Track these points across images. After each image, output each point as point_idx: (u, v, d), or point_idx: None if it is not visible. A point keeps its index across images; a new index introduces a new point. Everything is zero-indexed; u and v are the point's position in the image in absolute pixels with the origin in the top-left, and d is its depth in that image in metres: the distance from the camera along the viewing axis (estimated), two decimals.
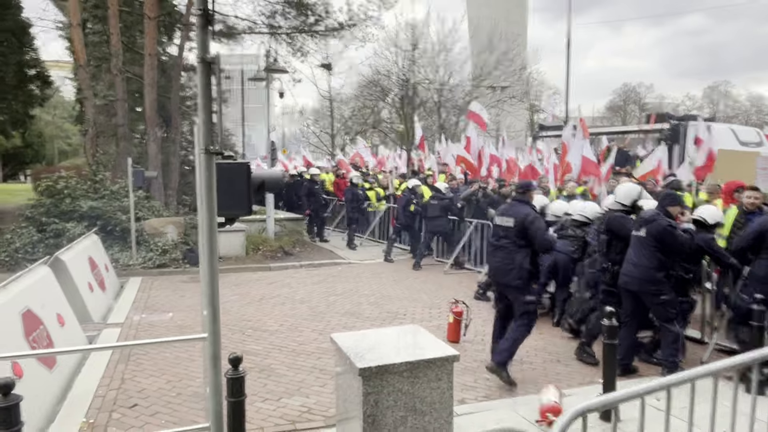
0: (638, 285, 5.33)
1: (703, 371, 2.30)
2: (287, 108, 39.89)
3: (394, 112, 25.25)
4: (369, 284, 9.56)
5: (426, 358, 3.07)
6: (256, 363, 5.68)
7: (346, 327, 7.00)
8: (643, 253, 5.29)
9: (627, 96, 56.55)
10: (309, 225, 14.16)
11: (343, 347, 3.21)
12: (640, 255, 5.31)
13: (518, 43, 32.21)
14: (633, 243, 5.44)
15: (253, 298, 8.54)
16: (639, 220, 5.49)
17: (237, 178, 3.35)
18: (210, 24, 2.65)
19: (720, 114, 48.13)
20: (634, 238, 5.43)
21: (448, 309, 6.64)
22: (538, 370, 5.71)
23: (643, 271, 5.27)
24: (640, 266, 5.29)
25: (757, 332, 4.61)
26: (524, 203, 5.50)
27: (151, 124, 12.92)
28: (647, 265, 5.24)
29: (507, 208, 5.70)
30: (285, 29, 14.36)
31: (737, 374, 2.48)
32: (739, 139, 15.32)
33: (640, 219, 5.49)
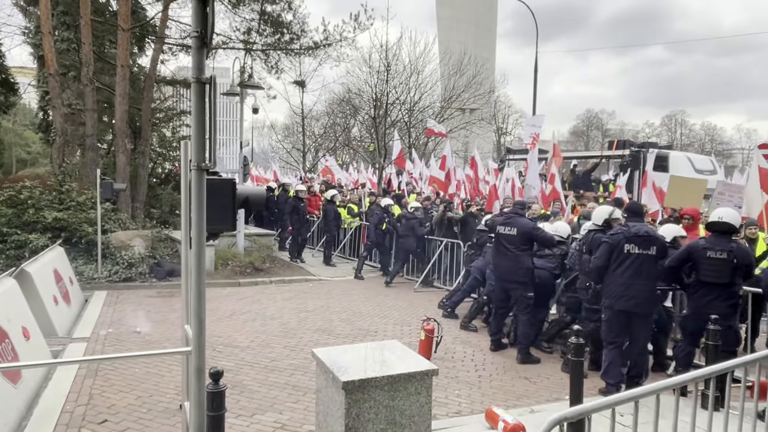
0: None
1: (666, 384, 2.47)
2: (257, 122, 39.69)
3: (364, 130, 25.52)
4: (340, 301, 9.60)
5: (406, 372, 3.17)
6: (228, 379, 5.59)
7: (318, 344, 7.03)
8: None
9: (590, 122, 58.67)
10: (292, 244, 13.52)
11: (326, 361, 3.28)
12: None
13: (487, 67, 33.20)
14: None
15: (223, 314, 8.47)
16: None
17: (222, 194, 3.41)
18: (206, 46, 2.73)
19: (677, 142, 50.37)
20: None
21: (420, 326, 6.76)
22: (507, 387, 5.87)
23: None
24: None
25: (713, 350, 4.87)
26: (521, 216, 6.81)
27: (121, 136, 12.73)
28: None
29: (507, 220, 6.94)
30: (260, 46, 14.44)
31: (696, 388, 2.67)
32: (695, 167, 16.12)
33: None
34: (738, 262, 5.18)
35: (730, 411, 3.56)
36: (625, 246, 5.46)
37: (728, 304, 5.24)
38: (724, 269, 5.21)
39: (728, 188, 8.86)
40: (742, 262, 5.21)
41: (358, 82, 22.47)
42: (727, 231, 5.37)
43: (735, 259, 5.18)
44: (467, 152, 31.56)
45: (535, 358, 6.69)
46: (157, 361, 6.01)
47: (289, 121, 35.78)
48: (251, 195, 3.89)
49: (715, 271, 5.25)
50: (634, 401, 2.32)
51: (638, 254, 5.43)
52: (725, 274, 5.21)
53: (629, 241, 5.46)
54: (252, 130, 45.55)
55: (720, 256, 5.24)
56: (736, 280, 5.24)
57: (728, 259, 5.20)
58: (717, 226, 5.42)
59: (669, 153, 17.44)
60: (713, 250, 5.29)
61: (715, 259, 5.25)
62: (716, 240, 5.36)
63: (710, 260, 5.27)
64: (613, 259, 5.51)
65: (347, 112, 26.56)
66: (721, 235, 5.36)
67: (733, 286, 5.26)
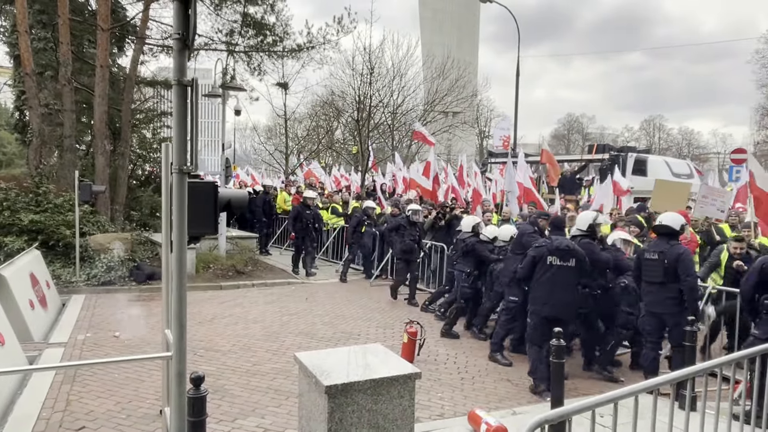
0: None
1: (643, 386, 2.52)
2: (239, 124, 39.39)
3: (347, 132, 25.51)
4: (323, 304, 9.57)
5: (389, 376, 3.17)
6: (209, 384, 5.54)
7: (301, 347, 6.99)
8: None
9: (571, 126, 59.42)
10: (295, 254, 12.23)
11: (308, 366, 3.27)
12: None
13: (469, 71, 33.40)
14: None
15: (204, 317, 8.38)
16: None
17: (204, 198, 3.38)
18: (188, 48, 2.71)
19: (655, 146, 51.24)
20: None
21: (403, 329, 6.77)
22: (489, 389, 5.90)
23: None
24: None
25: (690, 352, 4.97)
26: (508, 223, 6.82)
27: (100, 137, 12.53)
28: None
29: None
30: (243, 48, 14.36)
31: (673, 389, 2.72)
32: (673, 171, 16.40)
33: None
34: (668, 262, 5.56)
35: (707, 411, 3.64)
36: (548, 258, 5.87)
37: (671, 303, 5.59)
38: (658, 269, 5.63)
39: (711, 192, 9.02)
40: (671, 263, 5.55)
41: (342, 84, 22.46)
42: (667, 233, 5.76)
43: (666, 260, 5.57)
44: (450, 155, 31.74)
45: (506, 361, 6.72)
46: (137, 365, 5.93)
47: (271, 123, 35.59)
48: (233, 198, 3.86)
49: (651, 271, 5.72)
50: (613, 403, 2.35)
51: (560, 266, 5.82)
52: (659, 273, 5.62)
53: (551, 254, 5.87)
54: (234, 132, 45.16)
55: (653, 257, 5.71)
56: (670, 280, 5.56)
57: (660, 259, 5.63)
58: (658, 229, 5.90)
59: (647, 157, 17.75)
60: (650, 251, 5.78)
61: (651, 260, 5.73)
62: (656, 242, 5.86)
63: (648, 261, 5.77)
64: (538, 270, 5.93)
65: (330, 115, 26.52)
66: (662, 237, 5.78)
67: (668, 285, 5.59)
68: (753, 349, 3.14)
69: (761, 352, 3.09)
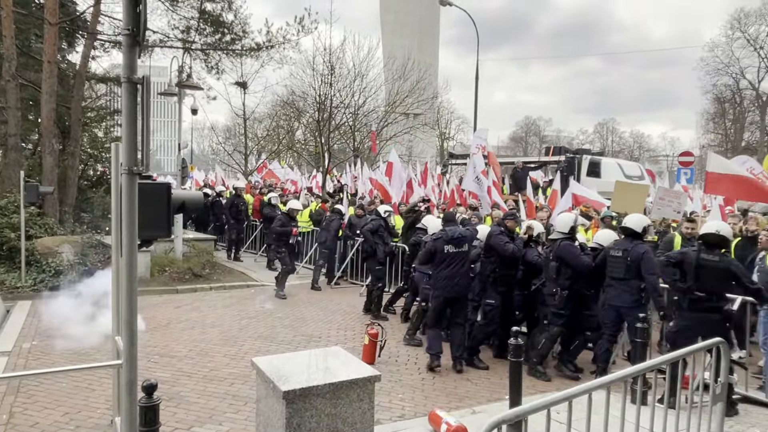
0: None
1: (597, 383, 2.58)
2: (197, 123, 38.49)
3: (308, 133, 25.27)
4: (283, 306, 9.44)
5: (349, 379, 3.14)
6: (164, 391, 5.41)
7: (260, 351, 6.88)
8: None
9: (528, 128, 60.78)
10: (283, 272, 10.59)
11: (266, 371, 3.20)
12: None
13: (430, 73, 33.64)
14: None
15: (159, 322, 8.13)
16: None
17: (157, 199, 3.27)
18: (138, 44, 2.62)
19: (608, 148, 52.95)
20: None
21: (364, 330, 6.75)
22: (449, 389, 5.95)
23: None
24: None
25: (641, 348, 5.14)
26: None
27: (48, 136, 12.00)
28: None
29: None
30: (200, 45, 14.01)
31: (625, 385, 2.80)
32: (625, 173, 16.99)
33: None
34: (630, 260, 5.86)
35: (657, 405, 3.76)
36: (445, 247, 6.52)
37: (629, 298, 5.88)
38: (621, 266, 5.95)
39: (668, 194, 9.36)
40: (634, 261, 5.84)
41: (302, 84, 22.22)
42: (630, 234, 6.10)
43: (629, 257, 5.89)
44: (411, 156, 31.90)
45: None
46: (87, 373, 5.70)
47: (230, 123, 34.91)
48: (188, 199, 3.75)
49: (614, 267, 6.03)
50: (567, 401, 2.40)
51: (456, 252, 6.53)
52: (621, 270, 5.94)
53: (448, 243, 6.53)
54: (191, 132, 44.11)
55: (617, 254, 6.03)
56: (631, 276, 5.86)
57: (623, 257, 5.96)
58: (623, 230, 6.29)
59: (601, 159, 18.34)
60: (615, 249, 6.12)
61: (615, 257, 6.05)
62: (621, 241, 6.21)
63: (612, 258, 6.08)
64: (438, 260, 6.55)
65: (291, 115, 26.21)
66: (627, 237, 6.13)
67: (630, 281, 5.87)
68: (687, 349, 3.27)
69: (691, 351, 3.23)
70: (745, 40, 41.02)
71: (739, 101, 43.42)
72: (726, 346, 3.28)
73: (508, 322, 6.57)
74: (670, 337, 5.45)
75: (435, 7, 36.53)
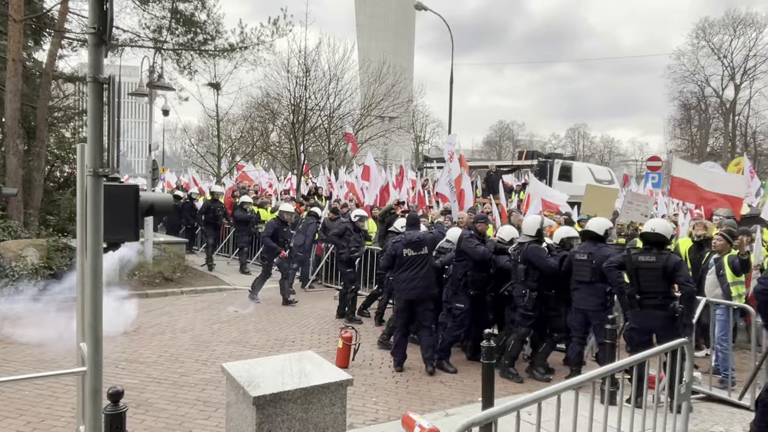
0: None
1: (566, 385, 2.62)
2: (169, 124, 37.86)
3: (283, 135, 25.09)
4: (256, 311, 9.33)
5: (320, 384, 3.12)
6: (132, 398, 5.30)
7: (232, 356, 6.78)
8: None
9: (502, 132, 61.52)
10: (260, 277, 10.07)
11: (236, 376, 3.16)
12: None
13: (405, 77, 33.84)
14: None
15: (128, 327, 7.95)
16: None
17: (124, 202, 3.20)
18: (105, 43, 2.56)
19: (579, 153, 53.96)
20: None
21: (338, 334, 6.72)
22: (423, 392, 5.96)
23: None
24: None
25: (610, 349, 5.25)
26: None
27: (12, 136, 11.63)
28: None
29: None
30: (172, 45, 13.77)
31: (593, 386, 2.85)
32: (595, 177, 17.33)
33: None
34: (595, 263, 5.96)
35: (625, 405, 3.84)
36: (404, 251, 6.59)
37: (595, 301, 5.99)
38: (586, 269, 6.04)
39: (636, 198, 9.55)
40: (599, 264, 5.91)
41: (277, 87, 22.07)
42: (593, 238, 6.24)
43: (593, 260, 5.99)
44: (386, 160, 31.98)
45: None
46: (52, 381, 5.53)
47: (203, 124, 34.46)
48: (157, 202, 3.67)
49: (580, 271, 6.11)
50: (537, 402, 2.43)
51: (415, 255, 6.57)
52: (587, 273, 6.03)
53: (407, 247, 6.61)
54: (163, 133, 43.38)
55: (582, 258, 6.13)
56: (597, 279, 5.96)
57: (588, 260, 6.06)
58: (585, 234, 6.40)
59: (572, 163, 18.67)
60: (580, 253, 6.23)
61: (580, 261, 6.15)
62: (585, 245, 6.29)
63: (577, 261, 6.17)
64: (398, 263, 6.62)
65: (266, 117, 26.01)
66: (590, 240, 6.25)
67: (596, 285, 5.98)
68: (653, 350, 3.35)
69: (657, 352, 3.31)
70: (709, 49, 42.38)
71: (704, 108, 44.77)
72: (690, 346, 3.36)
73: (481, 325, 6.62)
74: (626, 336, 5.59)
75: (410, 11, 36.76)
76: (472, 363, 6.87)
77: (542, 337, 6.65)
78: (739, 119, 42.94)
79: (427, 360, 6.54)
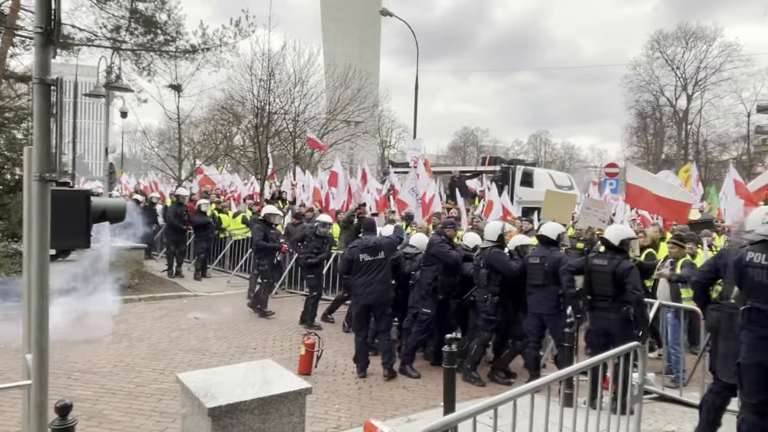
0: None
1: (522, 390, 2.66)
2: (129, 126, 36.82)
3: (247, 139, 24.73)
4: (217, 318, 9.14)
5: (278, 393, 3.07)
6: (84, 410, 5.11)
7: (191, 365, 6.62)
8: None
9: (467, 138, 62.40)
10: (264, 289, 9.58)
11: (191, 386, 3.08)
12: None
13: (371, 82, 33.93)
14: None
15: (81, 335, 7.65)
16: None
17: (74, 207, 3.09)
18: (52, 43, 2.47)
19: (541, 159, 55.20)
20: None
21: (301, 341, 6.65)
22: (386, 397, 5.95)
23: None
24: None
25: (568, 352, 5.36)
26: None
27: None
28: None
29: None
30: (131, 45, 13.40)
31: (548, 391, 2.90)
32: (556, 183, 17.73)
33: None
34: (548, 266, 6.10)
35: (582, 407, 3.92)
36: (360, 256, 6.61)
37: (549, 304, 6.12)
38: (539, 273, 6.16)
39: (593, 204, 9.80)
40: (551, 267, 6.07)
41: (241, 89, 21.76)
42: (546, 242, 6.35)
43: (546, 263, 6.14)
44: (352, 164, 31.93)
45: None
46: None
47: (165, 127, 33.65)
48: (109, 208, 3.56)
49: (534, 275, 6.24)
50: (493, 408, 2.46)
51: (371, 260, 6.59)
52: (540, 276, 6.15)
53: (363, 252, 6.63)
54: (122, 135, 42.17)
55: (536, 262, 6.26)
56: (550, 282, 6.09)
57: (541, 263, 6.19)
58: (539, 238, 6.55)
59: (534, 169, 19.06)
60: (533, 257, 6.37)
61: (533, 264, 6.27)
62: (538, 249, 6.46)
63: (531, 265, 6.30)
64: (355, 268, 6.64)
65: (230, 120, 25.59)
66: (544, 244, 6.39)
67: (549, 287, 6.10)
68: (607, 354, 3.44)
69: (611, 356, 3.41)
70: (663, 60, 44.09)
71: (659, 117, 46.51)
72: (643, 349, 3.47)
73: (444, 330, 6.66)
74: (585, 338, 5.73)
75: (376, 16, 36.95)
76: (435, 368, 6.89)
77: (504, 341, 6.74)
78: (691, 128, 44.76)
79: (385, 364, 6.53)
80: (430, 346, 7.17)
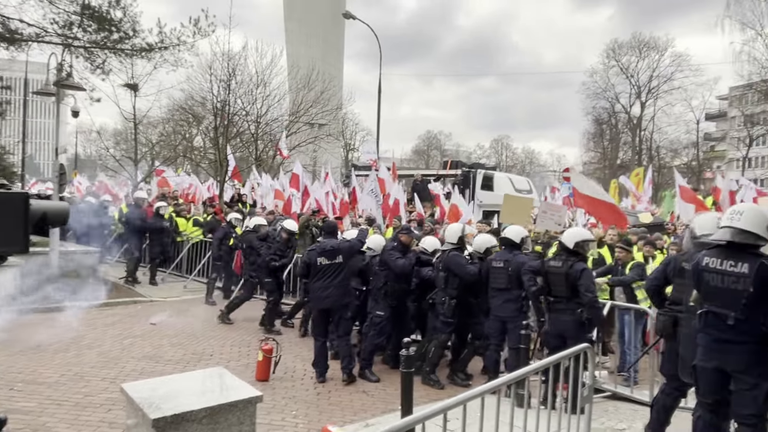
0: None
1: (471, 394, 2.67)
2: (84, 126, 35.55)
3: (208, 140, 24.23)
4: (173, 324, 8.89)
5: (227, 402, 2.99)
6: (27, 423, 4.88)
7: (144, 373, 6.41)
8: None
9: (430, 142, 63.00)
10: (272, 303, 8.93)
11: (135, 397, 2.96)
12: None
13: (335, 84, 33.79)
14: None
15: (27, 345, 7.32)
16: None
17: (11, 210, 2.93)
18: None
19: (502, 163, 56.22)
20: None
21: (259, 346, 6.53)
22: (345, 402, 5.90)
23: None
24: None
25: (524, 354, 5.44)
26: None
27: None
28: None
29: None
30: (83, 42, 12.91)
31: (500, 392, 2.92)
32: (515, 187, 18.05)
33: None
34: (511, 270, 6.15)
35: (534, 407, 3.97)
36: (318, 259, 6.55)
37: (513, 308, 6.16)
38: (503, 276, 6.17)
39: (550, 207, 10.00)
40: (514, 271, 6.13)
41: (201, 90, 21.28)
42: (509, 245, 6.37)
43: (509, 267, 6.17)
44: (315, 167, 31.73)
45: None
46: None
47: (121, 127, 32.60)
48: (50, 210, 3.39)
49: (497, 278, 6.24)
50: (443, 413, 2.45)
51: (329, 264, 6.53)
52: (503, 280, 6.16)
53: (320, 255, 6.57)
54: (76, 135, 40.73)
55: (499, 265, 6.26)
56: (513, 286, 6.13)
57: (504, 267, 6.19)
58: (502, 241, 6.58)
59: (494, 173, 19.36)
60: (496, 260, 6.33)
61: (496, 268, 6.27)
62: (501, 252, 6.45)
63: (494, 269, 6.29)
64: (312, 272, 6.57)
65: (189, 121, 25.01)
66: (507, 247, 6.41)
67: (512, 291, 6.15)
68: (566, 352, 3.51)
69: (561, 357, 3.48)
70: (618, 68, 45.62)
71: (615, 123, 48.10)
72: (592, 350, 3.54)
73: (402, 333, 6.66)
74: (543, 339, 5.83)
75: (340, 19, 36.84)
76: (395, 371, 6.86)
77: (463, 343, 6.79)
78: (645, 134, 46.46)
79: (344, 369, 6.49)
80: (389, 350, 7.15)
